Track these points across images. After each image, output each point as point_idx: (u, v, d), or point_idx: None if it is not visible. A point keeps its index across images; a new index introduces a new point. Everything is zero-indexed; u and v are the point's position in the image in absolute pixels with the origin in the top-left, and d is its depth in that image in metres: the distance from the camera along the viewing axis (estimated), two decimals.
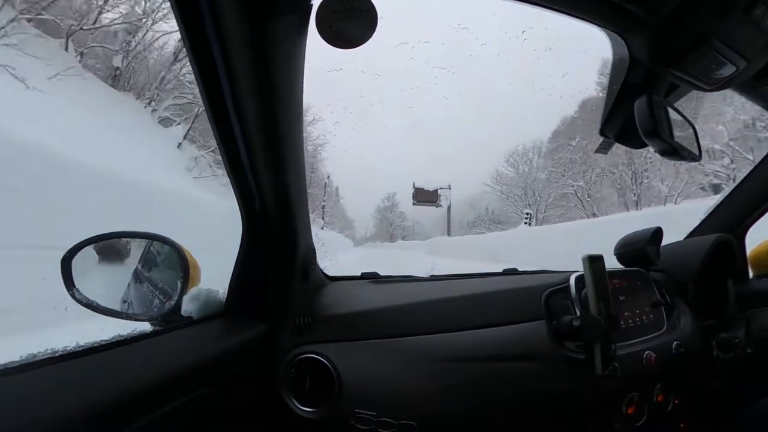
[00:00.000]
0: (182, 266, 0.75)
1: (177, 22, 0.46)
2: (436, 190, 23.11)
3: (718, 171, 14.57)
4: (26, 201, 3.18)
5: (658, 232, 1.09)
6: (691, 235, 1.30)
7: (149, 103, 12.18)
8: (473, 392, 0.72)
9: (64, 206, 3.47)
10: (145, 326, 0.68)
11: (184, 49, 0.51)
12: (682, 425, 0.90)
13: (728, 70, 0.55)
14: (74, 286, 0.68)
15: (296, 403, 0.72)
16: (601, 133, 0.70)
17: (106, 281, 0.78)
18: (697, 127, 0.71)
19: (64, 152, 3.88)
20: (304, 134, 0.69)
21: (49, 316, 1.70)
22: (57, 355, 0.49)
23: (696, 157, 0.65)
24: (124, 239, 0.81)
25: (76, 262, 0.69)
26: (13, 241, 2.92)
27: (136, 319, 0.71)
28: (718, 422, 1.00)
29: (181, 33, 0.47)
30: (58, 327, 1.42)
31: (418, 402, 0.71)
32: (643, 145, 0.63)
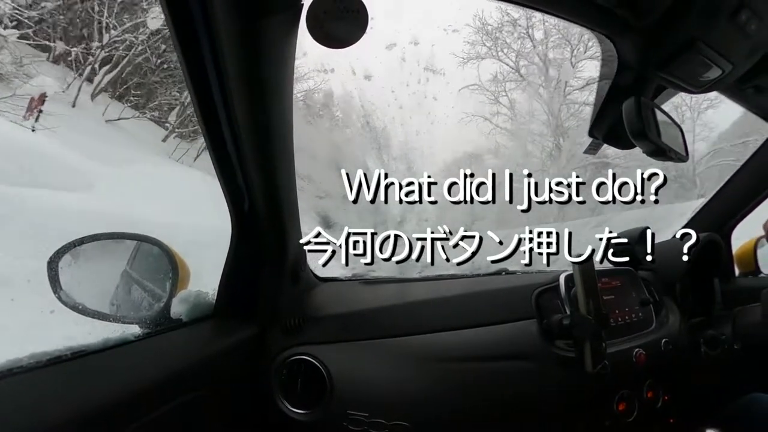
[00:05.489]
0: (171, 268, 0.75)
1: (166, 19, 0.46)
2: None
3: None
4: None
5: (645, 232, 1.10)
6: None
7: None
8: (465, 392, 0.72)
9: None
10: (134, 329, 0.67)
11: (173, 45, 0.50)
12: (671, 421, 0.92)
13: (714, 74, 0.56)
14: (61, 288, 0.67)
15: (288, 405, 0.72)
16: (590, 134, 0.71)
17: (93, 283, 0.77)
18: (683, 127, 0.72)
19: None
20: None
21: None
22: (44, 360, 0.48)
23: (683, 158, 0.66)
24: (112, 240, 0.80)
25: (63, 264, 0.68)
26: None
27: (124, 322, 0.70)
28: (706, 417, 1.02)
29: (170, 30, 0.47)
30: None
31: (410, 402, 0.71)
32: (631, 146, 0.64)
